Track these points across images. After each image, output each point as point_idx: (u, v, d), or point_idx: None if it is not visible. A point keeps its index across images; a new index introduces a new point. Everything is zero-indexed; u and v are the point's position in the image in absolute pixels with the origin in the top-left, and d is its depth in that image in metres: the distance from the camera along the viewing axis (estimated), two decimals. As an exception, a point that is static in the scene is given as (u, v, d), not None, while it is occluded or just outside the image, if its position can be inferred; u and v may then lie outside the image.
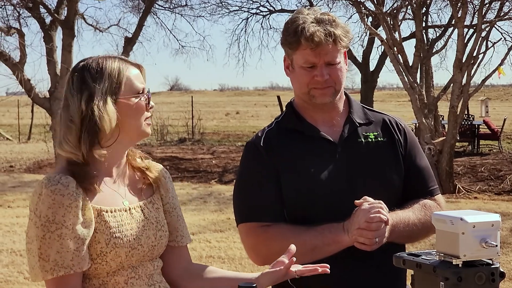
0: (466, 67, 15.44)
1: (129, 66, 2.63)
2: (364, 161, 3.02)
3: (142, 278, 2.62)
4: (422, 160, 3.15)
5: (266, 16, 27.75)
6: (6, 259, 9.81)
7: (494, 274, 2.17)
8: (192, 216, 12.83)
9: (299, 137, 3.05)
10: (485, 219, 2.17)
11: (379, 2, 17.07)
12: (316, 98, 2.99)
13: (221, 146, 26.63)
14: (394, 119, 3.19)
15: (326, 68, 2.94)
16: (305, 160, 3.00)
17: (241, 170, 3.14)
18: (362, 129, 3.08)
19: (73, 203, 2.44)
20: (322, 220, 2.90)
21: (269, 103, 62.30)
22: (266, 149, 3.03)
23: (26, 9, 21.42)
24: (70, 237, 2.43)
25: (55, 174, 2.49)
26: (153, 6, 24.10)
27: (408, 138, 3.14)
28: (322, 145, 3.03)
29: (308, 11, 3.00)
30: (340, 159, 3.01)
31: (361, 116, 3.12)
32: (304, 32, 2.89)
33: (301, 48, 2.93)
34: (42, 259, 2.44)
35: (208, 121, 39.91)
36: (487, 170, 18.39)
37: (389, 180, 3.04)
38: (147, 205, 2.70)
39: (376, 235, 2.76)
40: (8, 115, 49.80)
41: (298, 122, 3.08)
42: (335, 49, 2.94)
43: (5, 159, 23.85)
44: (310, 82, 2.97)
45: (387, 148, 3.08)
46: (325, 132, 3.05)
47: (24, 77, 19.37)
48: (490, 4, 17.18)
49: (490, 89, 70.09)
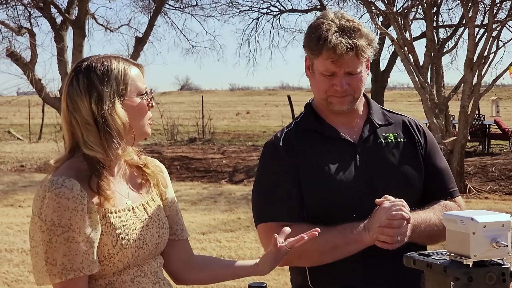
0: (477, 66, 15.40)
1: (131, 67, 2.63)
2: (384, 161, 3.02)
3: (148, 276, 2.63)
4: (442, 162, 3.14)
5: (276, 16, 27.76)
6: (17, 258, 9.84)
7: (504, 274, 2.17)
8: (203, 216, 12.84)
9: (318, 137, 3.04)
10: (496, 219, 2.16)
11: (390, 1, 17.03)
12: (334, 105, 2.98)
13: (231, 146, 26.62)
14: (413, 120, 3.19)
15: (346, 78, 2.92)
16: (324, 161, 2.98)
17: (260, 170, 3.12)
18: (382, 130, 3.07)
19: (79, 206, 2.43)
20: (342, 220, 2.89)
21: (280, 103, 62.23)
22: (286, 149, 3.02)
23: (37, 9, 21.50)
24: (78, 240, 2.43)
25: (57, 177, 2.47)
26: (163, 6, 24.14)
27: (428, 140, 3.13)
28: (341, 145, 3.02)
29: (333, 16, 2.94)
30: (360, 160, 3.00)
31: (381, 117, 3.11)
32: (326, 42, 2.85)
33: (322, 57, 2.90)
34: (49, 263, 2.43)
35: (218, 120, 39.89)
36: (498, 170, 18.33)
37: (409, 180, 3.02)
38: (149, 203, 2.70)
39: (397, 233, 2.74)
40: (19, 115, 49.92)
41: (317, 122, 3.07)
42: (356, 61, 2.91)
43: (16, 159, 23.91)
44: (329, 89, 2.95)
45: (407, 148, 3.07)
46: (344, 133, 3.03)
47: (35, 77, 19.45)
48: (501, 4, 17.14)
49: (501, 89, 69.83)
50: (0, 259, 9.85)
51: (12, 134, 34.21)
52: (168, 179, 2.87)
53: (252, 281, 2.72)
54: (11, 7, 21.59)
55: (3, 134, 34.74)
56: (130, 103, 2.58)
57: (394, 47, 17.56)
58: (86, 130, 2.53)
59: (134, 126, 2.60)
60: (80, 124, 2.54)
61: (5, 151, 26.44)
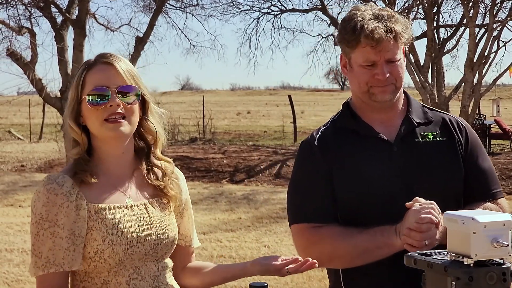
0: (478, 66, 15.41)
1: (95, 65, 2.62)
2: (421, 161, 2.95)
3: (146, 279, 2.62)
4: (484, 162, 3.06)
5: (277, 16, 27.72)
6: (17, 258, 9.85)
7: (505, 273, 2.16)
8: (203, 215, 12.84)
9: (354, 136, 2.99)
10: (497, 219, 2.16)
11: (391, 1, 17.04)
12: (377, 95, 2.91)
13: (232, 146, 26.60)
14: (455, 118, 3.11)
15: (387, 66, 2.86)
16: (360, 160, 2.94)
17: (295, 169, 3.10)
18: (420, 129, 3.00)
19: (65, 202, 2.49)
20: (376, 221, 2.83)
21: (280, 103, 62.21)
22: (321, 149, 2.99)
23: (38, 8, 21.47)
24: (61, 235, 2.48)
25: (57, 174, 2.56)
26: (164, 6, 24.10)
27: (470, 139, 3.06)
28: (377, 144, 2.96)
29: (365, 7, 2.91)
30: (396, 159, 2.94)
31: (420, 115, 3.04)
32: (363, 29, 2.80)
33: (361, 46, 2.84)
34: (35, 255, 2.50)
35: (219, 120, 39.88)
36: (499, 170, 18.31)
37: (446, 180, 2.95)
38: (153, 204, 2.69)
39: (425, 237, 2.63)
40: (20, 114, 49.96)
41: (353, 121, 3.02)
42: (395, 46, 2.87)
43: (17, 159, 23.93)
44: (370, 80, 2.89)
45: (446, 148, 3.00)
46: (381, 132, 2.97)
47: (35, 76, 19.42)
48: (502, 4, 17.16)
49: (501, 89, 69.83)
50: (0, 259, 9.86)
51: (13, 134, 34.23)
52: (185, 187, 2.86)
53: (253, 281, 2.71)
54: (12, 6, 21.56)
55: (3, 134, 34.76)
56: (84, 102, 2.60)
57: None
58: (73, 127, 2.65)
59: (90, 126, 2.62)
60: None
61: (6, 151, 26.46)
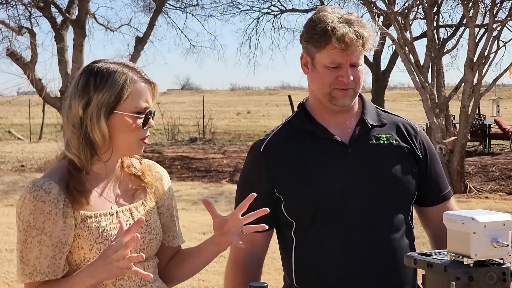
0: (478, 66, 15.40)
1: (138, 81, 2.56)
2: (375, 162, 2.98)
3: (133, 279, 2.60)
4: (437, 165, 3.11)
5: (277, 16, 27.79)
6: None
7: (505, 273, 2.16)
8: (203, 215, 12.83)
9: (309, 138, 3.01)
10: (496, 219, 2.16)
11: (390, 1, 17.03)
12: (338, 100, 2.92)
13: (232, 146, 26.63)
14: (408, 121, 3.14)
15: (350, 69, 2.88)
16: (313, 161, 2.96)
17: (242, 169, 3.18)
18: (375, 131, 3.03)
19: (53, 210, 2.45)
20: (330, 223, 2.89)
21: (280, 103, 62.20)
22: (266, 154, 3.01)
23: (38, 8, 21.51)
24: (47, 244, 2.45)
25: (41, 179, 2.50)
26: (164, 6, 24.14)
27: (424, 143, 3.09)
28: (332, 146, 2.97)
29: (333, 10, 2.93)
30: (350, 161, 2.95)
31: (374, 118, 3.06)
32: (335, 31, 2.82)
33: (329, 47, 2.86)
34: (23, 263, 2.48)
35: (219, 120, 39.88)
36: (498, 170, 18.33)
37: (400, 181, 2.98)
38: (137, 208, 2.66)
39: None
40: (19, 114, 49.91)
41: (308, 122, 3.03)
42: (361, 51, 2.90)
43: (16, 159, 23.91)
44: (334, 82, 2.89)
45: (399, 150, 3.02)
46: (336, 134, 2.99)
47: (35, 76, 19.46)
48: (502, 4, 17.15)
49: (501, 89, 69.80)
50: (0, 259, 9.85)
51: (13, 134, 34.22)
52: (168, 185, 2.82)
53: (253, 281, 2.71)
54: (12, 6, 21.61)
55: (3, 134, 34.76)
56: (119, 117, 2.52)
57: (395, 47, 17.55)
58: (71, 131, 2.54)
59: (120, 140, 2.55)
60: (68, 124, 2.55)
61: (6, 151, 26.44)
